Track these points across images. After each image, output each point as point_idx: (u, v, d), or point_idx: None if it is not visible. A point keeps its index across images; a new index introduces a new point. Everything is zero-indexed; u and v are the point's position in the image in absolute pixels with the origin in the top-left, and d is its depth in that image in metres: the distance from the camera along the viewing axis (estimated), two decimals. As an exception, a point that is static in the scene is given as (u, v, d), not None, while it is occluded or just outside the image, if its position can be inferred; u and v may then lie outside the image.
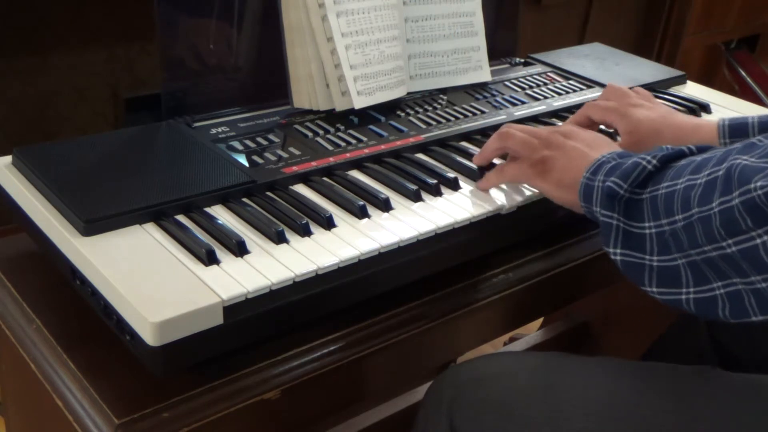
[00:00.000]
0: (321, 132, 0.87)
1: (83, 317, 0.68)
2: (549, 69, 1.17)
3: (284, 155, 0.81)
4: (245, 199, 0.74)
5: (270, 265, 0.64)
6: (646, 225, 0.65)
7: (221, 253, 0.65)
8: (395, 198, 0.77)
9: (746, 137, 0.74)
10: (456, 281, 0.78)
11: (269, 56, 0.91)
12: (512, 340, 1.59)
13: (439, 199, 0.78)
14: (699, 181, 0.62)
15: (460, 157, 0.86)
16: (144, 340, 0.58)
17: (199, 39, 0.88)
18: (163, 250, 0.65)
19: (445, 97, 1.02)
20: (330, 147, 0.84)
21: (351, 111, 0.91)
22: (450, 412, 0.70)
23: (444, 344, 0.78)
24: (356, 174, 0.81)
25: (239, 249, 0.65)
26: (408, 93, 0.99)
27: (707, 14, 2.31)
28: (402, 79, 0.97)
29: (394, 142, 0.87)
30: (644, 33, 2.17)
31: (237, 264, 0.64)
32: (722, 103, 1.14)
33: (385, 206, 0.75)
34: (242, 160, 0.79)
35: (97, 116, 1.22)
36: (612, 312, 1.46)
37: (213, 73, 0.90)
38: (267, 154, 0.81)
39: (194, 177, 0.74)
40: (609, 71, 1.18)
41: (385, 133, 0.89)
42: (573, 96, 1.08)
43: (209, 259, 0.64)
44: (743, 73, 2.63)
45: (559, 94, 1.07)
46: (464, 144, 0.91)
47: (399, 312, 0.73)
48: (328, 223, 0.71)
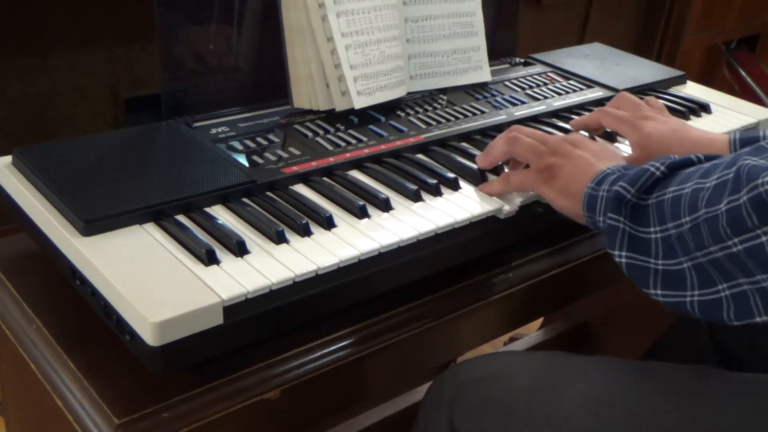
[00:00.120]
0: (321, 132, 0.87)
1: (83, 317, 0.68)
2: (549, 69, 1.17)
3: (284, 155, 0.81)
4: (245, 199, 0.74)
5: (270, 265, 0.64)
6: (652, 230, 0.65)
7: (221, 253, 0.65)
8: (395, 198, 0.77)
9: None
10: (456, 281, 0.78)
11: (269, 56, 0.91)
12: (512, 340, 1.59)
13: (439, 199, 0.78)
14: (708, 185, 0.62)
15: (460, 158, 0.86)
16: (144, 340, 0.58)
17: (199, 39, 0.88)
18: (163, 250, 0.65)
19: (445, 97, 1.02)
20: (330, 147, 0.84)
21: (351, 111, 0.91)
22: (450, 412, 0.70)
23: (444, 344, 0.78)
24: (356, 174, 0.81)
25: (239, 249, 0.65)
26: (408, 93, 0.99)
27: (707, 14, 2.31)
28: (402, 79, 0.97)
29: (394, 142, 0.87)
30: (644, 33, 2.17)
31: (237, 264, 0.64)
32: (722, 103, 1.14)
33: (385, 206, 0.75)
34: (242, 160, 0.79)
35: (97, 116, 1.22)
36: (612, 312, 1.46)
37: (213, 73, 0.90)
38: (267, 154, 0.81)
39: (194, 177, 0.74)
40: (609, 71, 1.18)
41: (385, 133, 0.89)
42: (573, 96, 1.08)
43: (209, 259, 0.64)
44: (743, 73, 2.63)
45: (559, 94, 1.07)
46: (464, 144, 0.91)
47: (399, 312, 0.73)
48: (328, 223, 0.71)
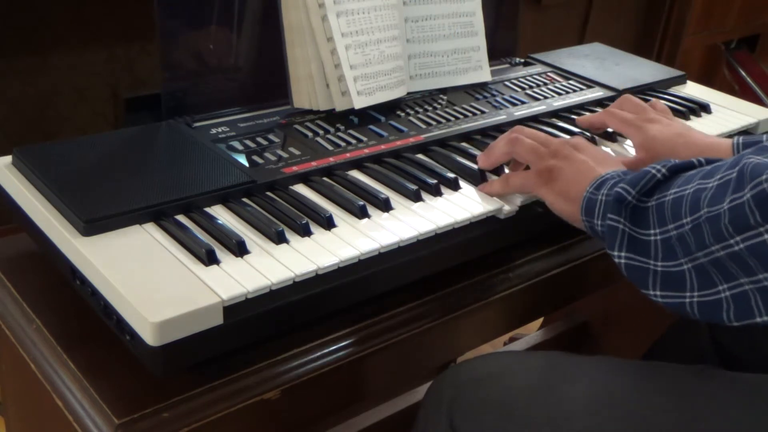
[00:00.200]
0: (321, 132, 0.87)
1: (83, 317, 0.68)
2: (549, 69, 1.17)
3: (284, 155, 0.81)
4: (245, 199, 0.74)
5: (270, 265, 0.64)
6: (651, 232, 0.65)
7: (221, 253, 0.65)
8: (395, 198, 0.77)
9: None
10: (456, 281, 0.78)
11: (269, 56, 0.91)
12: (512, 340, 1.59)
13: (439, 199, 0.78)
14: (710, 185, 0.62)
15: (460, 158, 0.86)
16: (144, 340, 0.58)
17: (199, 39, 0.88)
18: (163, 250, 0.65)
19: (445, 97, 1.02)
20: (330, 147, 0.84)
21: (351, 111, 0.91)
22: (450, 412, 0.70)
23: (444, 344, 0.78)
24: (356, 174, 0.81)
25: (239, 249, 0.65)
26: (408, 93, 0.99)
27: (707, 14, 2.31)
28: (402, 79, 0.97)
29: (394, 142, 0.87)
30: (644, 33, 2.17)
31: (237, 264, 0.64)
32: (722, 103, 1.14)
33: (385, 206, 0.75)
34: (242, 160, 0.79)
35: (97, 116, 1.22)
36: (612, 312, 1.46)
37: (213, 73, 0.90)
38: (267, 154, 0.81)
39: (194, 177, 0.74)
40: (609, 71, 1.18)
41: (385, 133, 0.89)
42: (573, 96, 1.08)
43: (209, 259, 0.64)
44: (743, 73, 2.63)
45: (559, 94, 1.07)
46: (464, 144, 0.91)
47: (399, 312, 0.73)
48: (328, 223, 0.71)
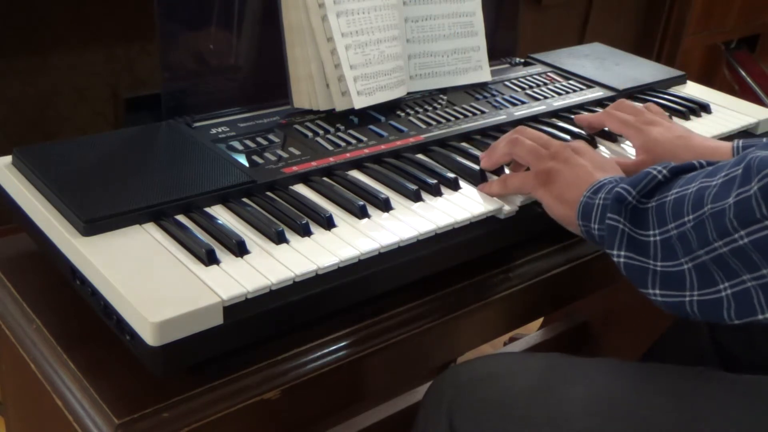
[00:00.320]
0: (321, 132, 0.87)
1: (83, 317, 0.68)
2: (549, 69, 1.17)
3: (284, 155, 0.81)
4: (245, 199, 0.74)
5: (270, 265, 0.64)
6: (651, 233, 0.65)
7: (221, 253, 0.65)
8: (395, 198, 0.77)
9: None
10: (456, 281, 0.78)
11: (269, 56, 0.91)
12: (512, 340, 1.59)
13: (439, 199, 0.78)
14: (714, 182, 0.62)
15: (460, 158, 0.86)
16: (144, 340, 0.58)
17: (199, 39, 0.88)
18: (163, 250, 0.65)
19: (445, 97, 1.02)
20: (330, 147, 0.84)
21: (351, 111, 0.91)
22: (450, 413, 0.70)
23: (444, 344, 0.78)
24: (356, 174, 0.81)
25: (239, 249, 0.65)
26: (408, 93, 0.99)
27: (707, 14, 2.31)
28: (402, 79, 0.97)
29: (394, 142, 0.87)
30: (644, 33, 2.17)
31: (237, 264, 0.64)
32: (722, 103, 1.14)
33: (385, 206, 0.75)
34: (242, 160, 0.79)
35: (97, 116, 1.22)
36: (612, 312, 1.46)
37: (213, 73, 0.90)
38: (267, 154, 0.81)
39: (194, 177, 0.74)
40: (609, 71, 1.18)
41: (385, 133, 0.89)
42: (573, 96, 1.08)
43: (209, 259, 0.64)
44: (743, 73, 2.63)
45: (559, 94, 1.07)
46: (464, 144, 0.91)
47: (399, 312, 0.73)
48: (328, 223, 0.71)
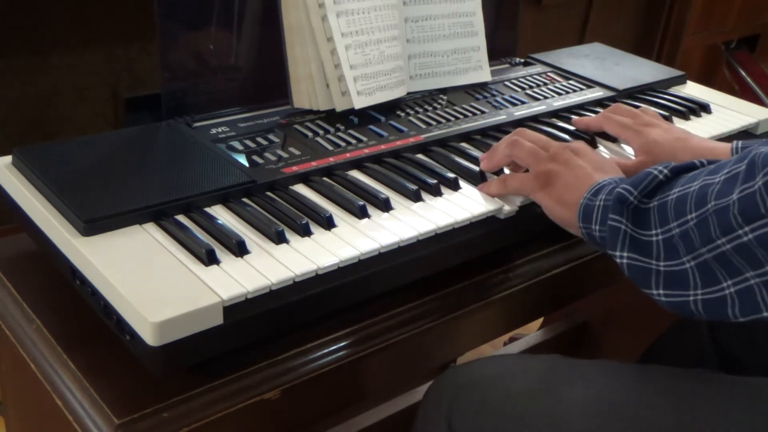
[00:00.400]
0: (321, 132, 0.87)
1: (83, 317, 0.68)
2: (549, 69, 1.17)
3: (284, 155, 0.81)
4: (245, 199, 0.74)
5: (270, 265, 0.64)
6: (653, 233, 0.65)
7: (221, 253, 0.65)
8: (395, 198, 0.77)
9: None
10: (456, 281, 0.78)
11: (269, 56, 0.91)
12: (512, 340, 1.59)
13: (439, 199, 0.78)
14: (717, 179, 0.62)
15: (460, 158, 0.86)
16: (144, 340, 0.58)
17: (199, 39, 0.88)
18: (163, 250, 0.65)
19: (445, 97, 1.02)
20: (330, 147, 0.84)
21: (351, 111, 0.91)
22: (449, 413, 0.70)
23: (444, 344, 0.78)
24: (356, 174, 0.81)
25: (239, 249, 0.65)
26: (408, 93, 0.99)
27: (707, 14, 2.31)
28: (402, 79, 0.97)
29: (394, 142, 0.87)
30: (644, 33, 2.17)
31: (237, 264, 0.64)
32: (722, 103, 1.14)
33: (385, 206, 0.75)
34: (242, 160, 0.79)
35: (97, 116, 1.22)
36: (612, 312, 1.46)
37: (213, 73, 0.90)
38: (267, 154, 0.81)
39: (194, 177, 0.74)
40: (609, 71, 1.18)
41: (385, 133, 0.89)
42: (573, 96, 1.08)
43: (209, 259, 0.64)
44: (743, 73, 2.63)
45: (559, 94, 1.07)
46: (464, 144, 0.91)
47: (399, 312, 0.73)
48: (328, 223, 0.71)
